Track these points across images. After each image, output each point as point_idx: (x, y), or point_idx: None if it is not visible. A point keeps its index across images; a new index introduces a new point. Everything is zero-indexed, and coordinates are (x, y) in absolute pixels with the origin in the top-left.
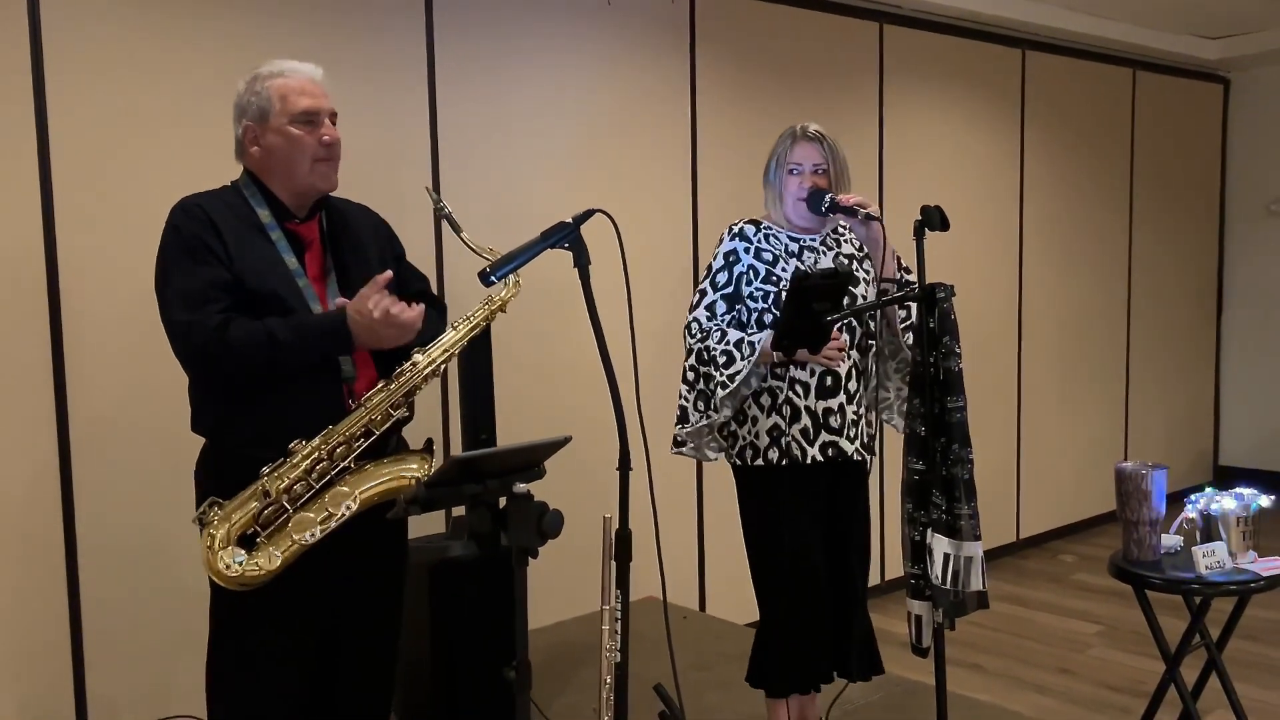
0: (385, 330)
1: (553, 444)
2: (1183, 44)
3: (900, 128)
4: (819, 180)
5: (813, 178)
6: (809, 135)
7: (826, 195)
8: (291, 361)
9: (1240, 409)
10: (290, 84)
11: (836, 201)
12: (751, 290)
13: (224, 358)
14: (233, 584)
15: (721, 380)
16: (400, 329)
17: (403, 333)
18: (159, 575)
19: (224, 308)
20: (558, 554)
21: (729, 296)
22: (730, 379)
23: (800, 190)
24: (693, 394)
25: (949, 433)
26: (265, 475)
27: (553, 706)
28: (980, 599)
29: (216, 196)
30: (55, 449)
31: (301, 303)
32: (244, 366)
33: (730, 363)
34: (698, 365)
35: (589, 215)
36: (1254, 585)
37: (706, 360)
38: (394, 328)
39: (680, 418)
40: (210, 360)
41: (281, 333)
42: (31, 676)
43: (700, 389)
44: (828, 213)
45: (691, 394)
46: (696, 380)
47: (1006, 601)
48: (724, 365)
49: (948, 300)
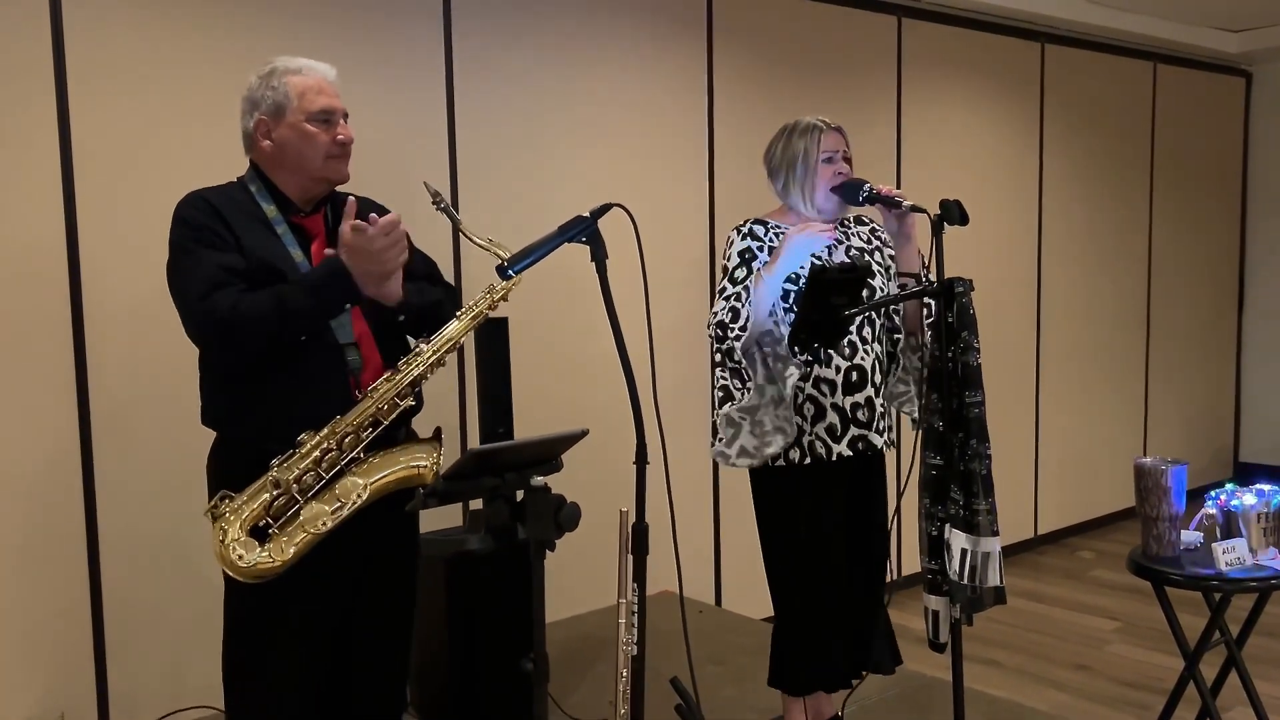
0: (372, 244)
1: (569, 437)
2: (1204, 37)
3: (918, 122)
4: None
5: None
6: (833, 125)
7: (865, 185)
8: (304, 320)
9: (1261, 405)
10: (308, 82)
11: (877, 192)
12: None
13: (239, 331)
14: (247, 576)
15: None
16: (386, 238)
17: (391, 240)
18: (178, 567)
19: (238, 291)
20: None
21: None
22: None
23: (834, 179)
24: (727, 375)
25: (967, 428)
26: (275, 466)
27: (569, 700)
28: (998, 594)
29: (221, 191)
30: (77, 441)
31: None
32: (258, 340)
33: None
34: (730, 362)
35: (606, 209)
36: (1275, 582)
37: (737, 356)
38: (380, 236)
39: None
40: (227, 338)
41: (287, 291)
42: (54, 667)
43: (732, 367)
44: (865, 203)
45: (728, 376)
46: (725, 362)
47: (1024, 598)
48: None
49: (966, 295)
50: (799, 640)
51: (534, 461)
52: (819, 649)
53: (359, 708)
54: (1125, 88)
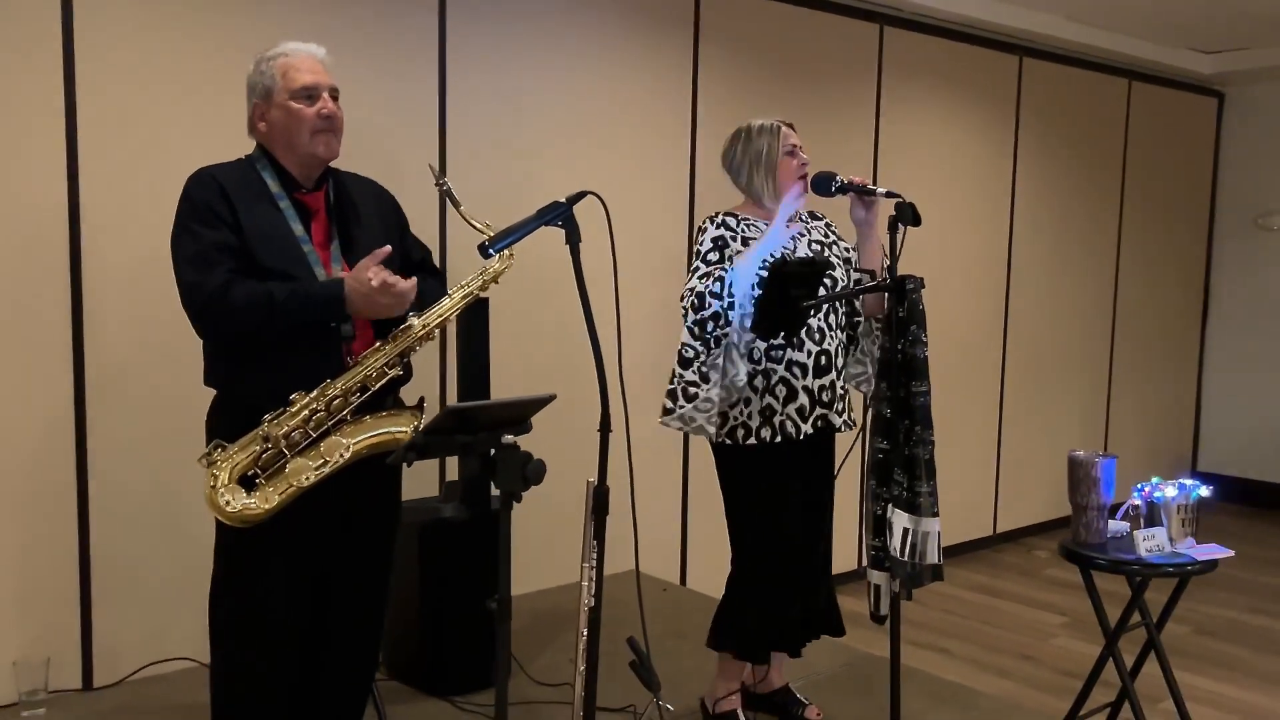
0: (381, 299)
1: (539, 400)
2: (1179, 57)
3: (896, 128)
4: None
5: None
6: (786, 121)
7: (836, 176)
8: (288, 324)
9: (1220, 417)
10: (292, 62)
11: (848, 182)
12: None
13: (226, 316)
14: (232, 520)
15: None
16: (395, 299)
17: (397, 302)
18: (165, 524)
19: (228, 269)
20: (542, 521)
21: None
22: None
23: (799, 169)
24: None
25: (912, 415)
26: (266, 422)
27: (533, 665)
28: (935, 571)
29: (230, 168)
30: (71, 400)
31: (306, 267)
32: (244, 325)
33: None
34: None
35: (581, 196)
36: (1190, 568)
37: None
38: (390, 297)
39: (682, 394)
40: (213, 318)
41: (281, 295)
42: (40, 616)
43: (702, 338)
44: (837, 193)
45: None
46: (699, 331)
47: (978, 591)
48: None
49: (917, 291)
50: (759, 606)
51: (505, 422)
52: (780, 616)
53: (335, 665)
54: (1100, 103)
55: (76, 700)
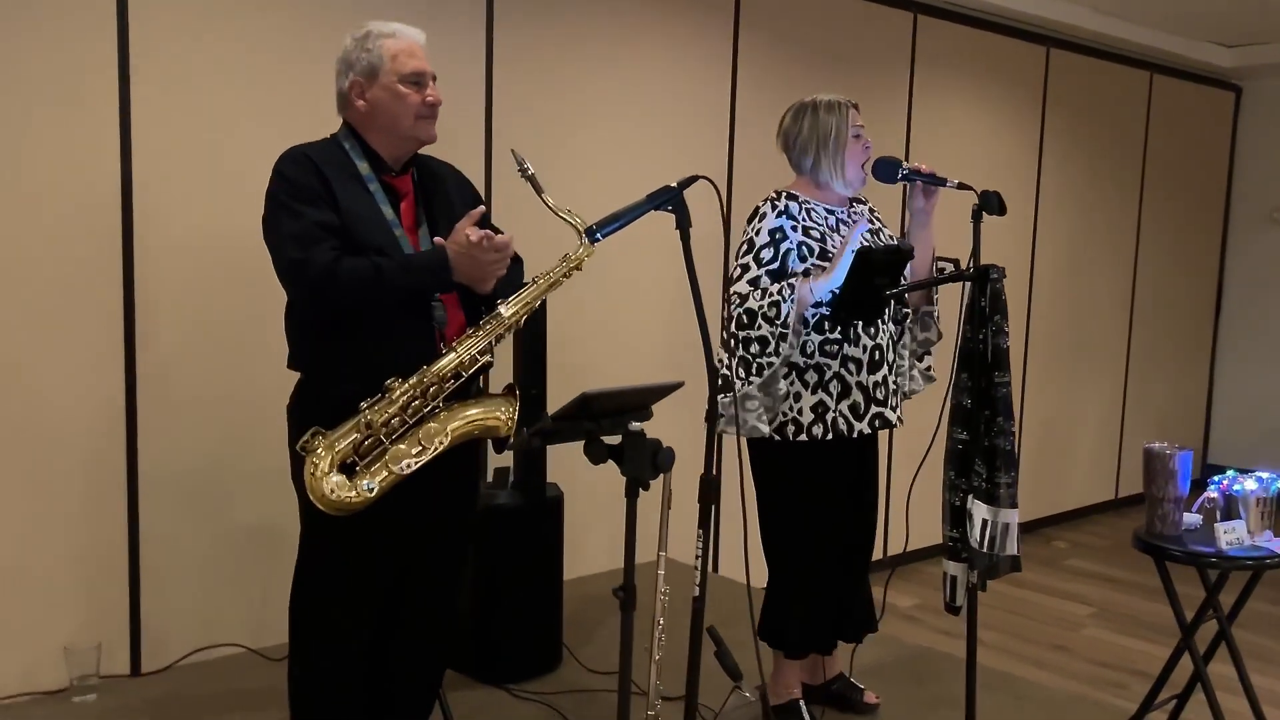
0: (484, 256)
1: (666, 388)
2: (1199, 50)
3: (928, 116)
4: None
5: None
6: (853, 102)
7: (902, 163)
8: (396, 295)
9: (1231, 409)
10: (401, 45)
11: (916, 169)
12: (807, 267)
13: (335, 291)
14: (332, 508)
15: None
16: (498, 253)
17: (500, 258)
18: (215, 510)
19: (333, 246)
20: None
21: (774, 273)
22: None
23: (864, 154)
24: (733, 360)
25: (994, 406)
26: (365, 409)
27: (583, 651)
28: (1014, 563)
29: (320, 147)
30: (122, 385)
31: (397, 250)
32: (353, 299)
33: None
34: (745, 340)
35: (693, 180)
36: (1269, 562)
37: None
38: (491, 252)
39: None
40: (323, 294)
41: (387, 266)
42: (90, 602)
43: (741, 355)
44: (902, 180)
45: (733, 359)
46: (737, 347)
47: (1002, 582)
48: (774, 318)
49: (1000, 281)
50: (802, 605)
51: (630, 408)
52: (821, 614)
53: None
54: (1122, 94)
55: (126, 685)
